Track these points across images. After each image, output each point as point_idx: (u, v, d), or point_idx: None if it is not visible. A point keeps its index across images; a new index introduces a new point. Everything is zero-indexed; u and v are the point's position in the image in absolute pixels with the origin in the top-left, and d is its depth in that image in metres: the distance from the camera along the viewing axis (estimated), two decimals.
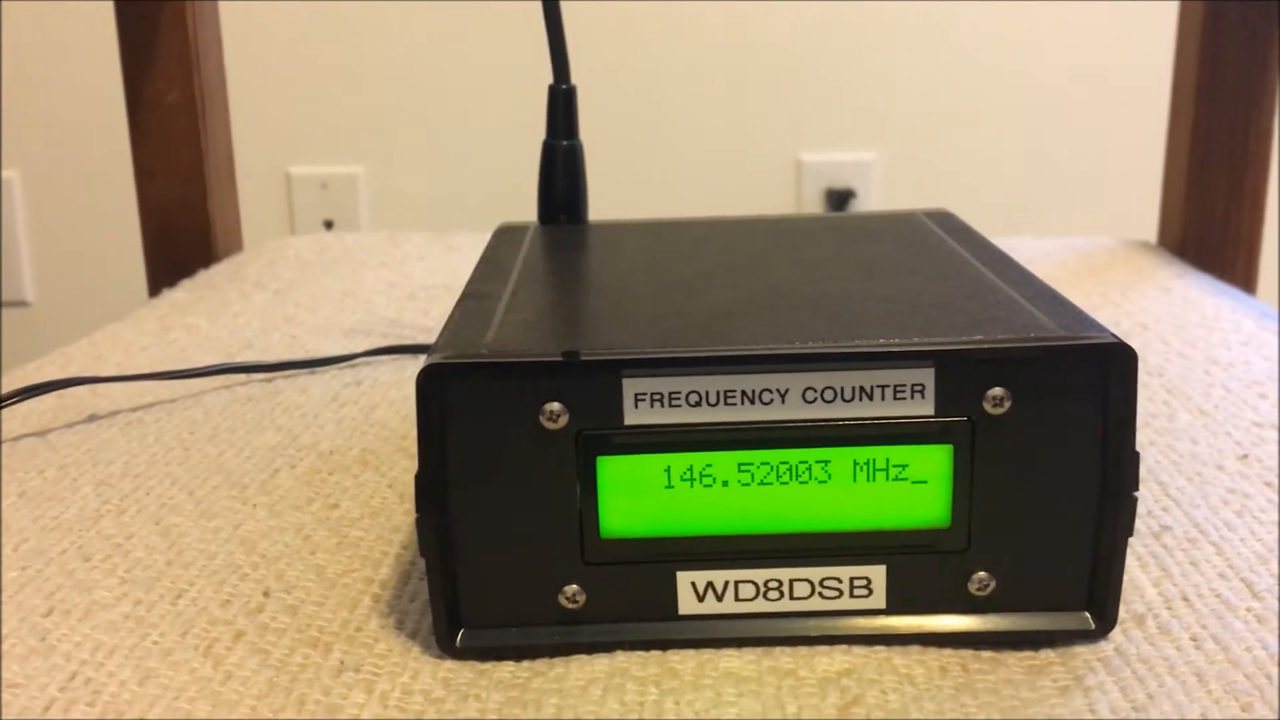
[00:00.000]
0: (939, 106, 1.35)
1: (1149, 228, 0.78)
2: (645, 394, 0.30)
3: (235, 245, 0.79)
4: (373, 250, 0.77)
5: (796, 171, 1.37)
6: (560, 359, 0.30)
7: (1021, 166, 1.36)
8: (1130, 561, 0.33)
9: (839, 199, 1.38)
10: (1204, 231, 0.72)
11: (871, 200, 1.37)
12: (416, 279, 0.70)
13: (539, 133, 0.49)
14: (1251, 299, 0.65)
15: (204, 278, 0.71)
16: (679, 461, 0.31)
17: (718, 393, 0.30)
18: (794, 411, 0.30)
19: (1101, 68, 1.33)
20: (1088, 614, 0.31)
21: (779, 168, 1.38)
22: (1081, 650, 0.31)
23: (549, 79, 0.48)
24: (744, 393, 0.30)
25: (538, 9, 0.48)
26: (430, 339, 0.58)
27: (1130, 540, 0.31)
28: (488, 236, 0.44)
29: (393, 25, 1.34)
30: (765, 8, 1.32)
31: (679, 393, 0.30)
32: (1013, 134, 1.36)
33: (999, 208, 1.32)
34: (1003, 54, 1.34)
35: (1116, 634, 0.32)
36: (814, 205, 1.38)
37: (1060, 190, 1.36)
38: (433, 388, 0.30)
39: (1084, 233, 0.81)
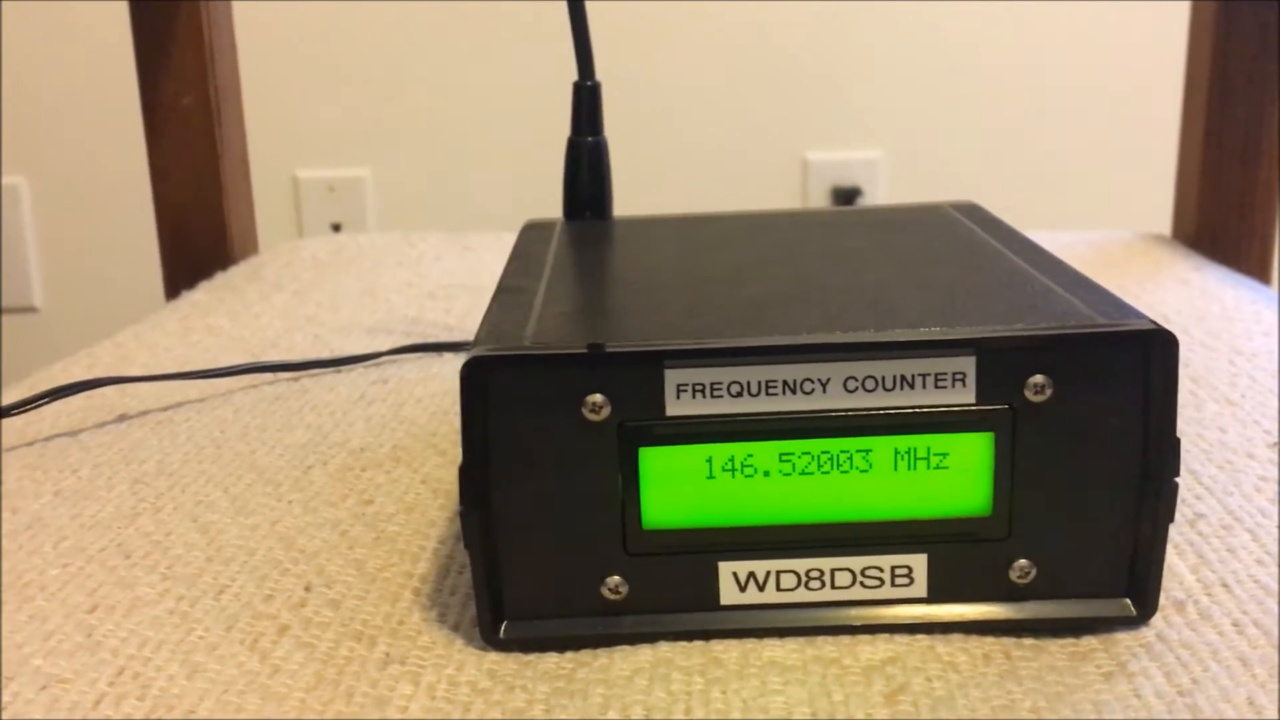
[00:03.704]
0: (945, 104, 1.35)
1: (1158, 223, 0.78)
2: (687, 385, 0.30)
3: (251, 247, 0.79)
4: (388, 250, 0.77)
5: (803, 170, 1.38)
6: (602, 350, 0.30)
7: (1029, 163, 1.36)
8: (1167, 549, 0.33)
9: (845, 197, 1.38)
10: (1218, 224, 0.72)
11: (878, 199, 1.37)
12: (434, 278, 0.70)
13: (547, 133, 0.49)
14: (1269, 290, 0.65)
15: (222, 279, 0.71)
16: (720, 452, 0.31)
17: (759, 383, 0.30)
18: (835, 401, 0.30)
19: (1110, 63, 1.34)
20: (1129, 600, 0.31)
21: (785, 166, 1.38)
22: (1123, 637, 0.31)
23: (556, 80, 0.48)
24: (785, 383, 0.30)
25: (543, 11, 0.48)
26: (452, 337, 0.58)
27: None
28: (503, 236, 0.44)
29: (398, 28, 1.34)
30: (771, 7, 1.33)
31: (720, 383, 0.30)
32: (1020, 130, 1.36)
33: (1007, 204, 1.31)
34: (1009, 50, 1.34)
35: (1157, 620, 0.32)
36: (820, 204, 1.38)
37: (1068, 186, 1.36)
38: (476, 380, 0.30)
39: (1095, 228, 0.81)
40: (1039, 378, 0.30)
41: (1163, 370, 0.30)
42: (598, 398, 0.30)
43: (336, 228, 1.38)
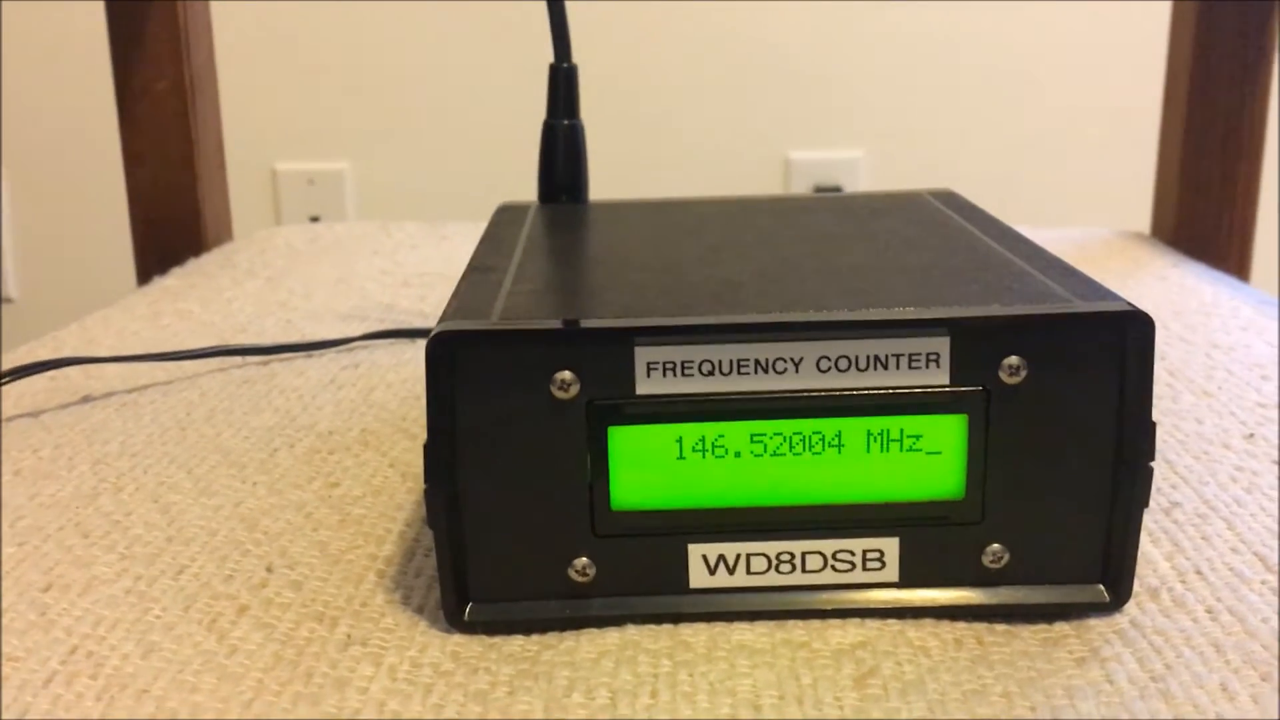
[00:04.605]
0: (925, 103, 1.35)
1: (1138, 220, 0.78)
2: (657, 363, 0.30)
3: (225, 234, 0.78)
4: (364, 239, 0.76)
5: (785, 169, 1.37)
6: (571, 327, 0.30)
7: (1009, 161, 1.36)
8: (1142, 537, 0.32)
9: None
10: (1198, 222, 0.72)
11: None
12: (410, 266, 0.69)
13: (528, 126, 0.49)
14: (1248, 286, 0.65)
15: (194, 265, 0.71)
16: (691, 432, 0.30)
17: (730, 362, 0.30)
18: (807, 381, 0.30)
19: (1091, 61, 1.34)
20: (1102, 587, 0.31)
21: (767, 165, 1.37)
22: (1096, 623, 0.31)
23: (536, 72, 0.48)
24: (757, 362, 0.30)
25: (523, 5, 0.47)
26: (426, 324, 0.57)
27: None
28: (480, 225, 0.44)
29: (379, 21, 1.33)
30: (754, 7, 1.32)
31: (691, 362, 0.30)
32: (1000, 129, 1.36)
33: (988, 202, 1.32)
34: (989, 49, 1.34)
35: (1131, 607, 0.31)
36: None
37: (1050, 184, 1.36)
38: (442, 356, 0.29)
39: (1075, 226, 0.81)
40: (1013, 359, 0.30)
41: (1138, 352, 0.29)
42: (566, 375, 0.30)
43: (315, 221, 1.37)
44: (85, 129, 1.32)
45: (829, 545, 0.31)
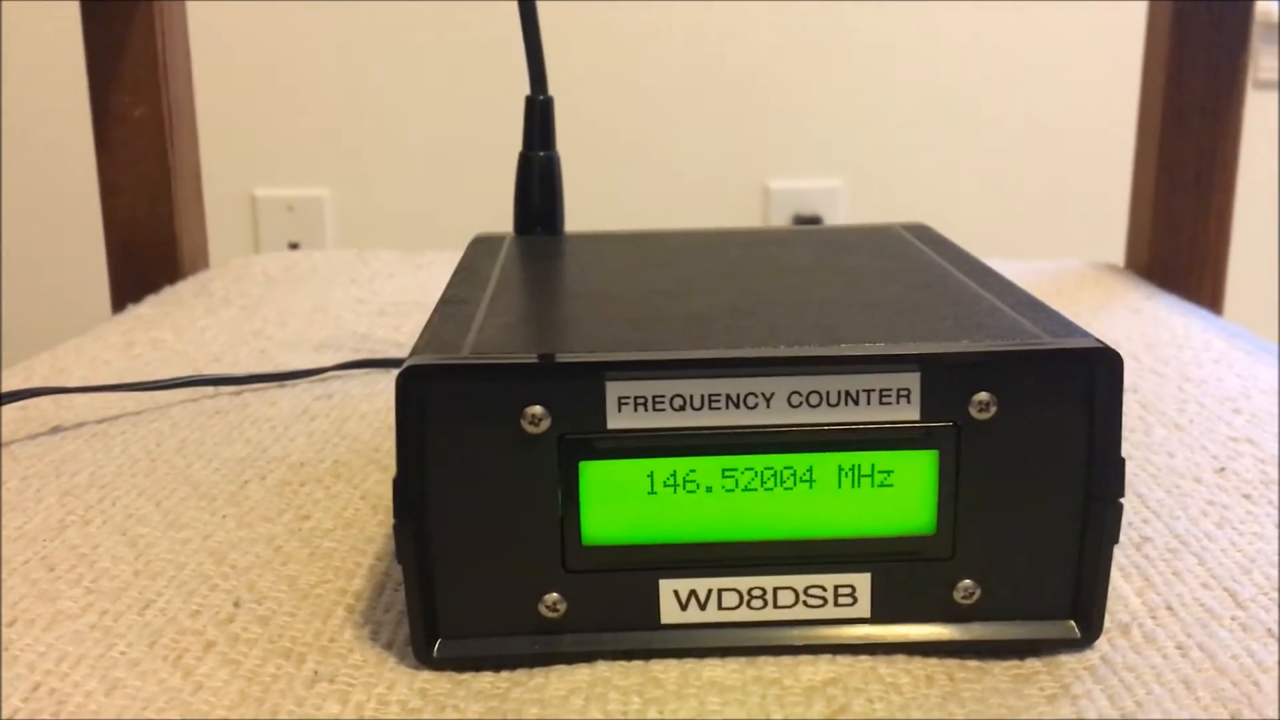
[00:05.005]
0: (904, 134, 1.36)
1: (1113, 253, 0.79)
2: (628, 397, 0.30)
3: (201, 262, 0.78)
4: (341, 268, 0.76)
5: (764, 198, 1.38)
6: (542, 361, 0.30)
7: (987, 192, 1.37)
8: (1113, 572, 0.32)
9: (806, 225, 1.38)
10: (1171, 255, 0.72)
11: None
12: (386, 295, 0.69)
13: (508, 155, 0.49)
14: (1220, 319, 0.65)
15: (169, 294, 0.70)
16: (662, 467, 0.30)
17: (702, 396, 0.30)
18: (779, 416, 0.30)
19: (1067, 94, 1.35)
20: (1073, 623, 0.31)
21: (747, 194, 1.38)
22: (1067, 659, 0.31)
23: (517, 102, 0.48)
24: (728, 396, 0.30)
25: (503, 35, 0.48)
26: (402, 354, 0.57)
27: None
28: (457, 254, 0.44)
29: (359, 48, 1.33)
30: (734, 35, 1.33)
31: (663, 396, 0.30)
32: (978, 160, 1.37)
33: (965, 233, 1.33)
34: (967, 81, 1.35)
35: (1102, 643, 0.31)
36: None
37: (1026, 216, 1.37)
38: (412, 390, 0.29)
39: (1050, 257, 0.81)
40: (983, 395, 0.30)
41: (1107, 389, 0.30)
42: (537, 410, 0.30)
43: (294, 247, 1.37)
44: (61, 155, 1.32)
45: (800, 580, 0.31)
